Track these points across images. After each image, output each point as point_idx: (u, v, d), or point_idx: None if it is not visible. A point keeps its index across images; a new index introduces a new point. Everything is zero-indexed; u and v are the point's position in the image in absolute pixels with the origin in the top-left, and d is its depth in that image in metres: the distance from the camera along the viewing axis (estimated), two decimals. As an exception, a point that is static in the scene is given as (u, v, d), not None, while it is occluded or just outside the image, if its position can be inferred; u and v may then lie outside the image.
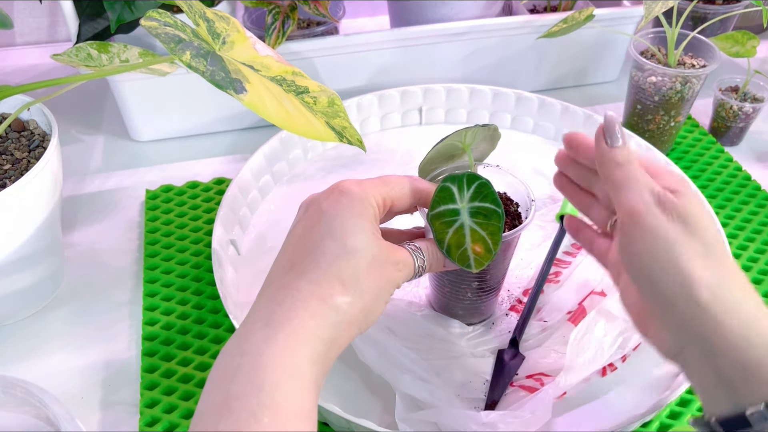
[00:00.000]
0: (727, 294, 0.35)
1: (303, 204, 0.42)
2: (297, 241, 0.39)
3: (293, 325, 0.35)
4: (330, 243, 0.37)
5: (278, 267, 0.39)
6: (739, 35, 0.74)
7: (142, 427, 0.49)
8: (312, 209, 0.40)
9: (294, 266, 0.37)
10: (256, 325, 0.35)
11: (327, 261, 0.37)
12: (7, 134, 0.54)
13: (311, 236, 0.38)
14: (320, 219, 0.39)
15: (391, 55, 0.77)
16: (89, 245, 0.64)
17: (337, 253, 0.37)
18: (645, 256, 0.36)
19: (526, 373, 0.52)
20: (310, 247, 0.38)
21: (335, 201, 0.39)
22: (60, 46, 0.93)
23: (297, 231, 0.40)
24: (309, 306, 0.35)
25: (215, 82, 0.40)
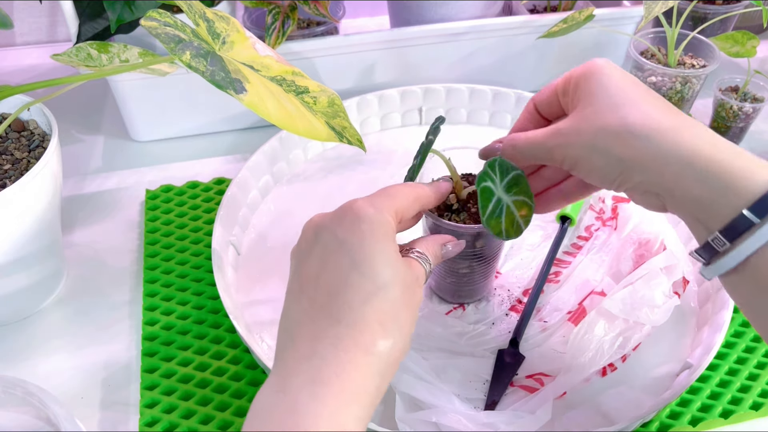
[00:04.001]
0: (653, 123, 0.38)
1: (309, 228, 0.39)
2: (316, 277, 0.36)
3: (341, 381, 0.33)
4: (359, 279, 0.35)
5: (301, 307, 0.36)
6: (739, 35, 0.74)
7: (142, 427, 0.49)
8: (326, 238, 0.37)
9: (323, 309, 0.35)
10: (299, 379, 0.33)
11: (360, 301, 0.35)
12: (7, 134, 0.54)
13: (334, 272, 0.36)
14: (339, 250, 0.36)
15: (392, 55, 0.77)
16: (89, 245, 0.64)
17: (369, 290, 0.35)
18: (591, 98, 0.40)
19: (526, 373, 0.52)
20: (337, 286, 0.35)
21: (353, 227, 0.36)
22: (60, 46, 0.93)
23: (312, 264, 0.37)
24: (353, 358, 0.33)
25: (215, 82, 0.40)
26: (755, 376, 0.53)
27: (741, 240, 0.36)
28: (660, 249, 0.57)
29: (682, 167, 0.37)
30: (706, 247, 0.38)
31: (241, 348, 0.54)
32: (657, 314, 0.53)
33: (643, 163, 0.38)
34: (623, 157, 0.38)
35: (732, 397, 0.52)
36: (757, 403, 0.51)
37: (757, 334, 0.56)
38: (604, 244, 0.60)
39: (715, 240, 0.37)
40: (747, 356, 0.54)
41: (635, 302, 0.53)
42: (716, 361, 0.54)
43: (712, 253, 0.38)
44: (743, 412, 0.51)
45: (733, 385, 0.52)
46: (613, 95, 0.39)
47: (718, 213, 0.36)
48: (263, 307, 0.57)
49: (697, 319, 0.57)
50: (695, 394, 0.52)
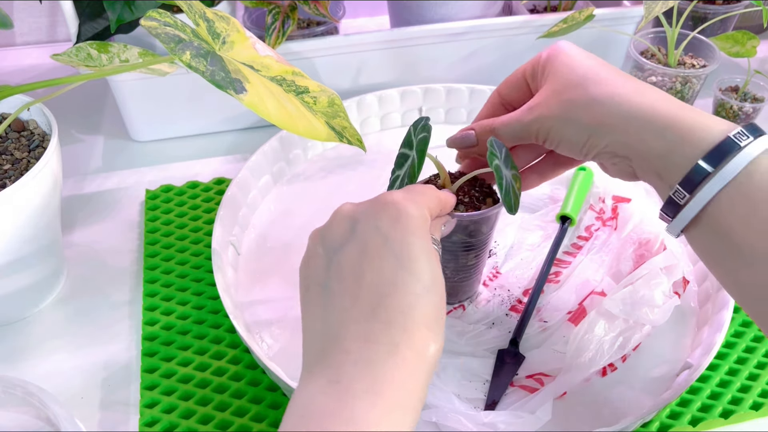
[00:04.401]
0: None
1: (344, 217, 0.38)
2: (359, 274, 0.35)
3: (399, 390, 0.32)
4: (407, 280, 0.34)
5: (343, 304, 0.34)
6: (739, 35, 0.74)
7: (142, 427, 0.49)
8: (366, 231, 0.36)
9: (374, 311, 0.34)
10: (356, 386, 0.32)
11: (410, 304, 0.34)
12: (7, 134, 0.54)
13: (381, 270, 0.34)
14: (384, 247, 0.35)
15: (392, 55, 0.77)
16: (89, 245, 0.64)
17: (417, 292, 0.34)
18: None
19: (526, 373, 0.52)
20: (386, 286, 0.34)
21: (396, 223, 0.35)
22: (60, 46, 0.93)
23: (350, 257, 0.35)
24: (409, 365, 0.33)
25: (215, 82, 0.40)
26: (755, 376, 0.53)
27: (698, 189, 0.38)
28: (660, 249, 0.57)
29: (643, 124, 0.40)
30: (669, 204, 0.40)
31: (241, 348, 0.54)
32: (657, 314, 0.53)
33: (608, 125, 0.41)
34: (590, 123, 0.41)
35: (732, 397, 0.52)
36: (757, 403, 0.51)
37: (758, 334, 0.56)
38: (604, 244, 0.60)
39: (676, 193, 0.39)
40: (747, 356, 0.54)
41: (635, 302, 0.53)
42: (716, 361, 0.54)
43: (675, 209, 0.39)
44: (743, 412, 0.51)
45: (734, 385, 0.52)
46: (577, 71, 0.43)
47: (677, 165, 0.39)
48: (263, 307, 0.57)
49: (697, 319, 0.57)
50: (695, 394, 0.52)
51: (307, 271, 0.38)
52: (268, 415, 0.50)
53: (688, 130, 0.39)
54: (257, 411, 0.50)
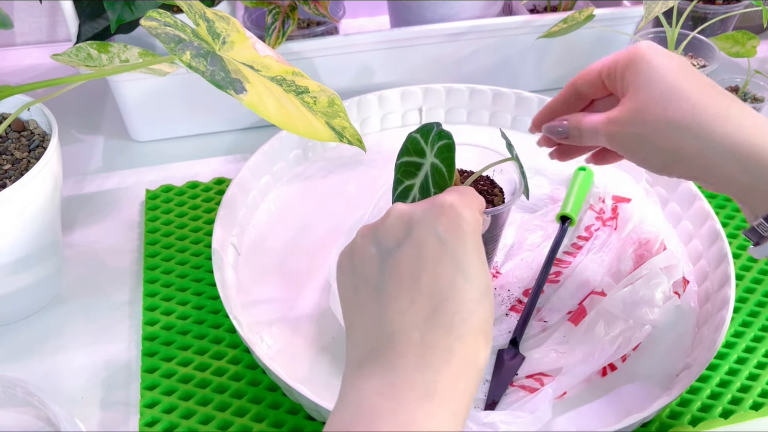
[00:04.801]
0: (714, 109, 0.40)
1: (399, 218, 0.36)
2: (416, 277, 0.34)
3: (455, 398, 0.32)
4: (465, 286, 0.34)
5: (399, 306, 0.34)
6: (739, 35, 0.74)
7: (142, 427, 0.49)
8: (424, 234, 0.35)
9: (433, 316, 0.33)
10: (413, 391, 0.31)
11: (469, 311, 0.33)
12: (7, 134, 0.54)
13: (440, 275, 0.34)
14: (442, 251, 0.34)
15: (392, 55, 0.77)
16: (89, 245, 0.64)
17: (475, 299, 0.34)
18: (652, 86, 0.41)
19: (526, 373, 0.52)
20: (445, 291, 0.34)
21: (455, 227, 0.35)
22: (60, 46, 0.93)
23: (406, 259, 0.35)
24: (464, 373, 0.33)
25: (215, 82, 0.40)
26: (755, 376, 0.53)
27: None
28: (660, 249, 0.57)
29: (723, 157, 0.39)
30: (752, 231, 0.40)
31: (241, 348, 0.54)
32: (657, 314, 0.53)
33: (685, 154, 0.40)
34: (666, 148, 0.41)
35: (732, 397, 0.52)
36: (757, 403, 0.51)
37: (757, 334, 0.56)
38: (604, 244, 0.60)
39: (760, 225, 0.39)
40: (747, 356, 0.54)
41: (635, 302, 0.53)
42: (716, 361, 0.54)
43: (759, 236, 0.40)
44: (743, 412, 0.51)
45: (733, 385, 0.52)
46: (657, 88, 0.41)
47: (762, 199, 0.38)
48: (263, 307, 0.57)
49: (697, 319, 0.57)
50: (695, 394, 0.52)
51: (355, 269, 0.37)
52: (269, 415, 0.50)
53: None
54: (257, 411, 0.50)
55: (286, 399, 0.51)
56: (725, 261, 0.56)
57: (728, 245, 0.57)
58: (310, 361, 0.53)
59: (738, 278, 0.60)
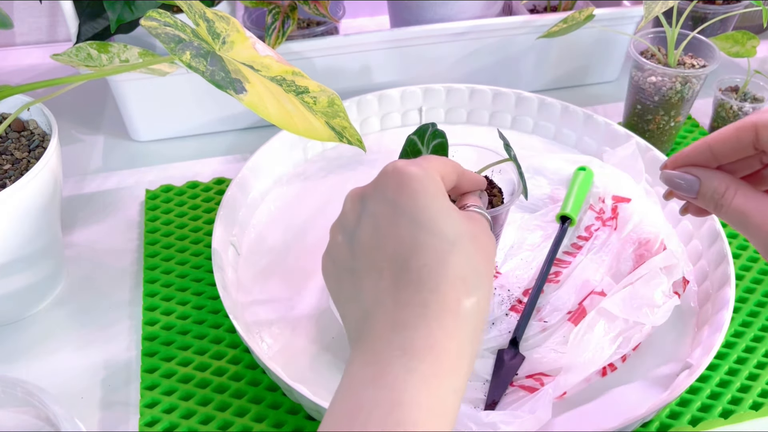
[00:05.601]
0: None
1: (353, 198, 0.37)
2: (378, 247, 0.34)
3: (435, 352, 0.31)
4: (428, 239, 0.33)
5: (372, 282, 0.34)
6: (739, 35, 0.74)
7: (142, 427, 0.49)
8: (375, 204, 0.35)
9: (401, 277, 0.33)
10: (391, 353, 0.31)
11: (437, 261, 0.32)
12: (7, 134, 0.54)
13: (399, 237, 0.33)
14: (396, 213, 0.34)
15: (392, 55, 0.77)
16: (89, 245, 0.64)
17: (443, 248, 0.33)
18: None
19: (526, 373, 0.52)
20: (408, 250, 0.33)
21: (402, 187, 0.34)
22: (60, 46, 0.93)
23: (366, 234, 0.34)
24: (444, 324, 0.31)
25: (215, 82, 0.40)
26: (755, 376, 0.53)
27: None
28: (660, 249, 0.57)
29: None
30: None
31: (241, 348, 0.54)
32: (657, 314, 0.53)
33: None
34: None
35: (732, 397, 0.52)
36: (757, 403, 0.51)
37: (757, 334, 0.56)
38: (604, 244, 0.60)
39: None
40: (747, 356, 0.54)
41: (635, 302, 0.53)
42: (716, 361, 0.54)
43: None
44: (743, 412, 0.51)
45: (733, 385, 0.52)
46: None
47: None
48: (263, 307, 0.57)
49: (697, 319, 0.57)
50: (695, 394, 0.52)
51: (333, 263, 0.37)
52: (269, 415, 0.50)
53: None
54: (257, 411, 0.50)
55: (286, 399, 0.51)
56: (725, 261, 0.56)
57: (728, 245, 0.57)
58: (310, 361, 0.53)
59: (738, 278, 0.60)
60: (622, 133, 0.69)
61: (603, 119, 0.71)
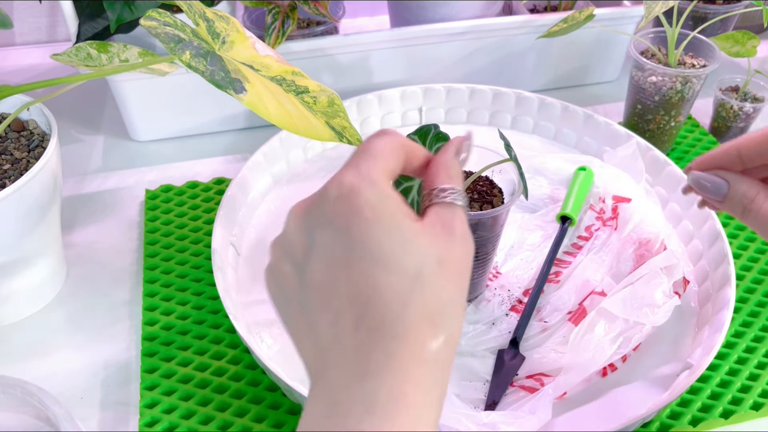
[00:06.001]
0: None
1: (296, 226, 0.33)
2: (333, 287, 0.30)
3: (400, 406, 0.28)
4: (387, 278, 0.29)
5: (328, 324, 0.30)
6: (739, 35, 0.74)
7: (142, 427, 0.49)
8: (324, 236, 0.31)
9: (361, 322, 0.29)
10: (353, 407, 0.28)
11: (399, 302, 0.29)
12: (6, 134, 0.54)
13: (355, 276, 0.30)
14: (350, 248, 0.30)
15: (391, 55, 0.77)
16: (89, 245, 0.64)
17: (404, 287, 0.29)
18: None
19: (526, 373, 0.52)
20: (366, 292, 0.29)
21: (353, 216, 0.30)
22: (60, 46, 0.93)
23: (318, 271, 0.31)
24: (409, 373, 0.28)
25: (215, 81, 0.40)
26: (755, 376, 0.53)
27: None
28: (660, 249, 0.57)
29: None
30: None
31: (241, 348, 0.54)
32: (657, 314, 0.53)
33: None
34: None
35: (732, 397, 0.52)
36: (757, 403, 0.51)
37: (758, 334, 0.56)
38: (604, 244, 0.60)
39: None
40: (747, 356, 0.54)
41: (635, 302, 0.53)
42: (716, 362, 0.53)
43: None
44: (744, 412, 0.51)
45: (734, 385, 0.52)
46: None
47: None
48: (263, 307, 0.57)
49: (697, 319, 0.57)
50: (695, 394, 0.52)
51: (280, 290, 0.34)
52: (268, 416, 0.50)
53: None
54: (257, 411, 0.50)
55: (286, 399, 0.51)
56: (725, 261, 0.56)
57: (728, 245, 0.57)
58: (310, 361, 0.53)
59: (738, 278, 0.60)
60: (622, 133, 0.69)
61: (603, 119, 0.71)
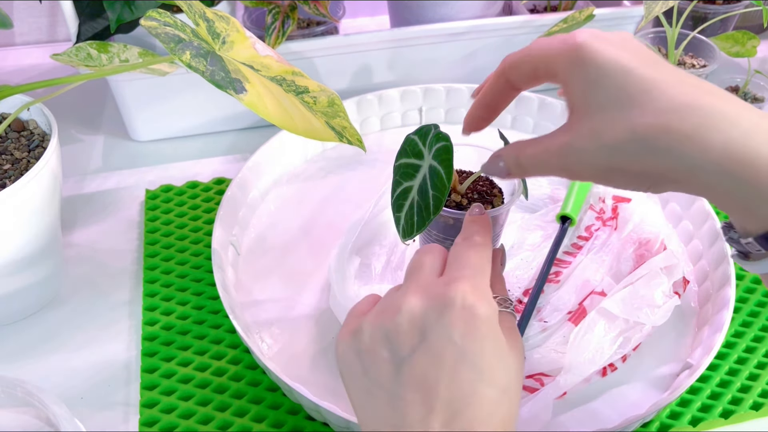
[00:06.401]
0: None
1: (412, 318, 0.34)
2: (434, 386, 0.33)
3: None
4: (485, 390, 0.33)
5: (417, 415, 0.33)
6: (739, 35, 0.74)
7: (142, 427, 0.49)
8: (439, 341, 0.33)
9: (451, 421, 0.32)
10: None
11: (488, 413, 0.33)
12: (6, 134, 0.54)
13: (456, 381, 0.33)
14: (460, 358, 0.33)
15: (391, 55, 0.77)
16: (89, 245, 0.64)
17: (494, 400, 0.33)
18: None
19: (527, 373, 0.52)
20: (465, 400, 0.32)
21: (471, 332, 0.33)
22: (60, 46, 0.93)
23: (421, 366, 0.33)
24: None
25: (215, 81, 0.40)
26: (755, 376, 0.53)
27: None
28: (660, 249, 0.57)
29: (713, 176, 0.31)
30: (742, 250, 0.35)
31: (241, 348, 0.54)
32: (657, 314, 0.53)
33: (667, 175, 0.33)
34: (644, 172, 0.33)
35: (732, 397, 0.52)
36: (757, 403, 0.51)
37: (758, 334, 0.56)
38: (604, 244, 0.60)
39: (749, 244, 0.34)
40: (747, 356, 0.54)
41: (635, 302, 0.53)
42: (716, 361, 0.54)
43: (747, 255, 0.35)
44: (743, 412, 0.51)
45: (734, 385, 0.52)
46: (615, 94, 0.32)
47: (754, 219, 0.33)
48: (263, 307, 0.57)
49: (697, 319, 0.57)
50: (695, 394, 0.52)
51: (366, 372, 0.35)
52: (268, 416, 0.50)
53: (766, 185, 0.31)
54: (257, 411, 0.50)
55: (286, 399, 0.51)
56: (725, 261, 0.56)
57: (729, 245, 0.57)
58: (310, 361, 0.53)
59: (738, 278, 0.60)
60: (622, 133, 0.69)
61: (603, 119, 0.71)
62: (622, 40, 0.34)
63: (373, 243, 0.59)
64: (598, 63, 0.33)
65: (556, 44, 0.35)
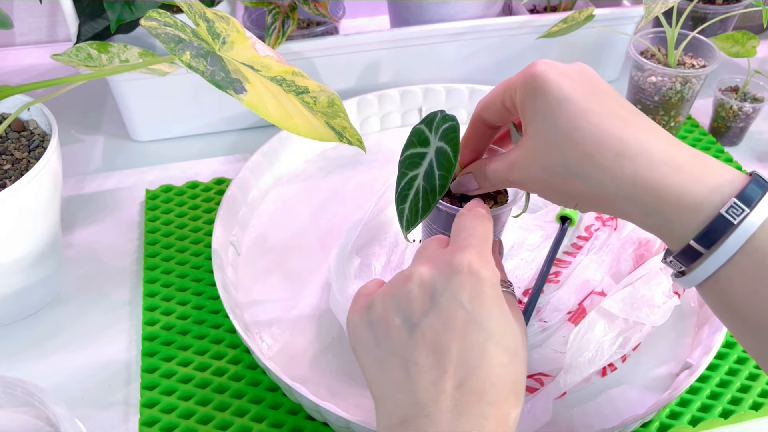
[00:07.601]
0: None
1: (420, 285, 0.36)
2: (446, 348, 0.34)
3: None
4: (495, 351, 0.34)
5: (430, 378, 0.34)
6: (739, 35, 0.74)
7: (142, 426, 0.49)
8: (449, 303, 0.35)
9: (464, 384, 0.34)
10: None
11: (500, 375, 0.34)
12: (7, 134, 0.54)
13: (470, 345, 0.34)
14: (471, 321, 0.35)
15: (392, 55, 0.77)
16: (89, 245, 0.64)
17: (505, 361, 0.35)
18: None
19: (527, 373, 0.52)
20: (476, 360, 0.34)
21: (478, 294, 0.35)
22: (60, 46, 0.93)
23: (433, 330, 0.35)
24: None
25: (215, 82, 0.40)
26: (755, 376, 0.53)
27: (695, 266, 0.36)
28: (660, 249, 0.57)
29: (626, 203, 0.36)
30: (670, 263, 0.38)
31: (241, 348, 0.54)
32: (657, 314, 0.53)
33: (588, 198, 0.38)
34: (570, 192, 0.38)
35: (732, 397, 0.52)
36: (757, 403, 0.51)
37: (757, 334, 0.56)
38: (604, 244, 0.60)
39: (672, 263, 0.37)
40: (747, 356, 0.54)
41: (635, 302, 0.53)
42: (716, 361, 0.54)
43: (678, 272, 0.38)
44: (743, 412, 0.51)
45: (733, 385, 0.52)
46: (555, 125, 0.37)
47: (669, 240, 0.37)
48: (263, 307, 0.57)
49: (697, 319, 0.57)
50: (695, 394, 0.52)
51: (378, 342, 0.37)
52: (268, 415, 0.50)
53: (675, 207, 0.35)
54: (257, 411, 0.50)
55: (286, 399, 0.51)
56: (725, 261, 0.56)
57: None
58: (310, 361, 0.53)
59: (738, 278, 0.59)
60: (622, 133, 0.69)
61: (603, 119, 0.71)
62: (576, 72, 0.38)
63: (373, 243, 0.60)
64: (545, 92, 0.38)
65: (517, 76, 0.40)
